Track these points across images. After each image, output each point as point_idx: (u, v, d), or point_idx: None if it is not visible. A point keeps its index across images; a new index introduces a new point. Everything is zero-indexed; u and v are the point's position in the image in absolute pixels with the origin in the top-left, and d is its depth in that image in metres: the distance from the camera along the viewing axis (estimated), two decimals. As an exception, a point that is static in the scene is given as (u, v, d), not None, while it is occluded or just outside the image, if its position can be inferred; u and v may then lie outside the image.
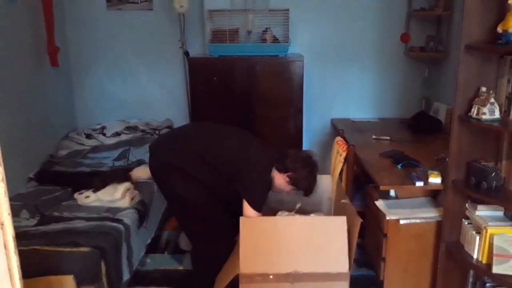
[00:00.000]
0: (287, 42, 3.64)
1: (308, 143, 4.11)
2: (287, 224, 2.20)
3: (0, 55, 2.96)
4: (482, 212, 2.12)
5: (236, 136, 2.39)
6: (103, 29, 4.01)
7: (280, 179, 2.32)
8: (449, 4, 3.52)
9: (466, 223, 2.20)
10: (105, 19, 3.98)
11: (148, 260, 2.95)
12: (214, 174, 2.31)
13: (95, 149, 3.67)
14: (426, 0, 3.75)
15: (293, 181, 2.31)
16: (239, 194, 2.25)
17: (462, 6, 2.01)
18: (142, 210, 2.83)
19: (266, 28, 3.67)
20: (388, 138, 3.27)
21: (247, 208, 2.20)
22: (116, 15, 3.98)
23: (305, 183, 2.33)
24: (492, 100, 2.00)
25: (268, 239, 2.16)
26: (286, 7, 3.63)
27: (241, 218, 2.17)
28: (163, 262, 2.94)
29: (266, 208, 2.34)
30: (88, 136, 3.79)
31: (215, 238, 2.38)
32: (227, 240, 2.40)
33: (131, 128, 3.89)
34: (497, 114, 2.01)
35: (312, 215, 2.36)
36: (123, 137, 3.76)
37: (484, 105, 2.00)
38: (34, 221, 2.57)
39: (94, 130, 3.87)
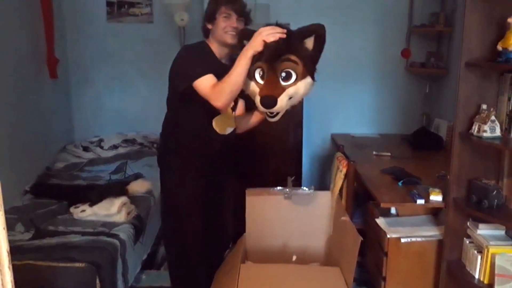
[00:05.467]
0: (287, 56, 3.62)
1: (308, 157, 4.08)
2: (284, 273, 2.23)
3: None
4: (483, 231, 2.09)
5: None
6: (103, 42, 4.01)
7: (216, 35, 2.27)
8: (450, 21, 3.53)
9: (467, 242, 2.16)
10: (105, 31, 3.99)
11: (144, 277, 2.90)
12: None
13: (92, 162, 3.64)
14: (427, 16, 3.76)
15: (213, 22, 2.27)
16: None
17: (463, 23, 2.01)
18: (138, 225, 2.79)
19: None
20: (389, 154, 3.24)
21: (199, 86, 2.15)
22: (116, 27, 3.99)
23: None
24: (493, 117, 1.98)
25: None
26: (287, 22, 3.62)
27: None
28: (159, 278, 2.89)
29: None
30: (85, 149, 3.77)
31: (188, 245, 2.34)
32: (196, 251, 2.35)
33: (128, 141, 3.86)
34: (498, 132, 1.99)
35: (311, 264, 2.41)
36: (121, 150, 3.73)
37: (485, 123, 1.99)
38: (29, 235, 2.54)
39: (92, 142, 3.85)
